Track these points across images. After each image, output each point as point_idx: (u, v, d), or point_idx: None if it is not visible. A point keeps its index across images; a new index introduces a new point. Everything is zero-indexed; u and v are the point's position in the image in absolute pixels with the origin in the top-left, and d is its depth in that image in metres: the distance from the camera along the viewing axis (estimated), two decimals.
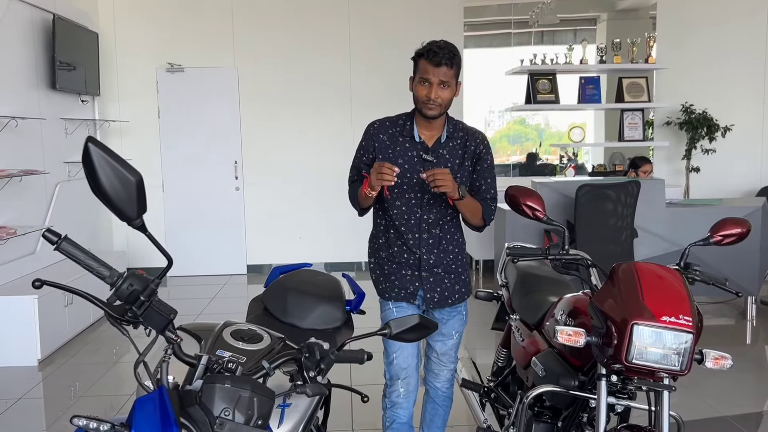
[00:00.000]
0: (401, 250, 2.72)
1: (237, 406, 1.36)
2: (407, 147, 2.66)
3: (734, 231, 2.34)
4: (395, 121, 2.73)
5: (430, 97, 2.53)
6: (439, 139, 2.67)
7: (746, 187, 7.95)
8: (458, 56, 2.55)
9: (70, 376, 4.69)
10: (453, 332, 2.83)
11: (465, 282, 2.81)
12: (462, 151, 2.68)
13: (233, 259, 7.79)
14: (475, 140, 2.71)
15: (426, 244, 2.68)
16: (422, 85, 2.55)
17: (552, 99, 7.47)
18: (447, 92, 2.56)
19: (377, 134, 2.71)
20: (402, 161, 2.64)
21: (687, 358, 1.94)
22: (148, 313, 1.40)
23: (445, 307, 2.76)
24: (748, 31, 7.87)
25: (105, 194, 1.33)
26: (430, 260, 2.70)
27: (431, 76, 2.52)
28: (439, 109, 2.57)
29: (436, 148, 2.66)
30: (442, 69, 2.50)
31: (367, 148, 2.74)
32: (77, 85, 6.42)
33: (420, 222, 2.68)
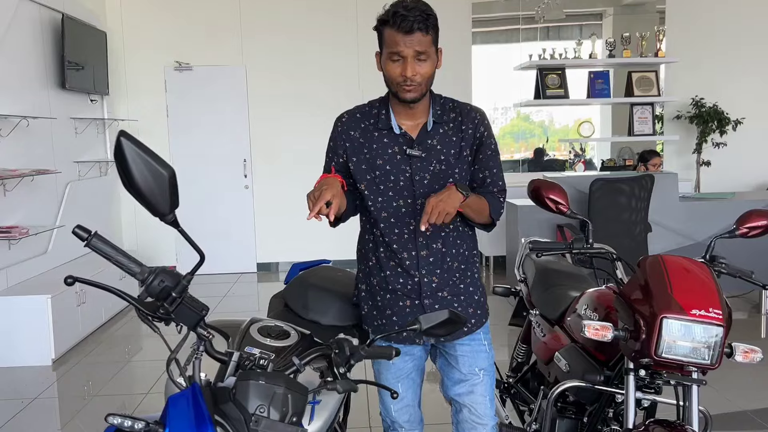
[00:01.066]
0: (396, 274, 2.13)
1: (272, 403, 1.35)
2: (386, 143, 2.10)
3: (760, 223, 2.32)
4: (367, 112, 2.15)
5: (405, 75, 1.96)
6: (425, 126, 2.09)
7: (758, 181, 7.90)
8: (433, 15, 1.96)
9: (83, 376, 4.69)
10: (477, 370, 2.19)
11: (480, 302, 2.23)
12: (458, 138, 2.10)
13: (243, 257, 7.79)
14: (472, 120, 2.12)
15: (426, 263, 2.11)
16: (393, 62, 1.98)
17: (561, 94, 7.44)
18: (426, 66, 1.98)
19: (347, 131, 2.15)
20: (382, 161, 2.09)
21: (717, 352, 1.92)
22: (179, 309, 1.38)
23: (458, 338, 2.17)
24: (759, 24, 7.82)
25: (138, 189, 1.32)
26: (433, 283, 2.12)
27: (402, 48, 1.93)
28: (419, 90, 2.00)
29: (423, 139, 2.09)
30: (416, 36, 1.92)
31: (335, 149, 2.17)
32: (86, 84, 6.42)
33: (415, 236, 2.10)
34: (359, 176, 2.12)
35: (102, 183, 6.81)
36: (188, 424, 1.29)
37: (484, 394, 2.19)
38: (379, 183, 2.09)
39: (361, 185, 2.12)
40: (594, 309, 2.40)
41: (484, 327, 2.24)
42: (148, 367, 4.85)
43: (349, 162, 2.13)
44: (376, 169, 2.09)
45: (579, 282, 2.93)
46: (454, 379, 2.20)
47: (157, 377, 4.52)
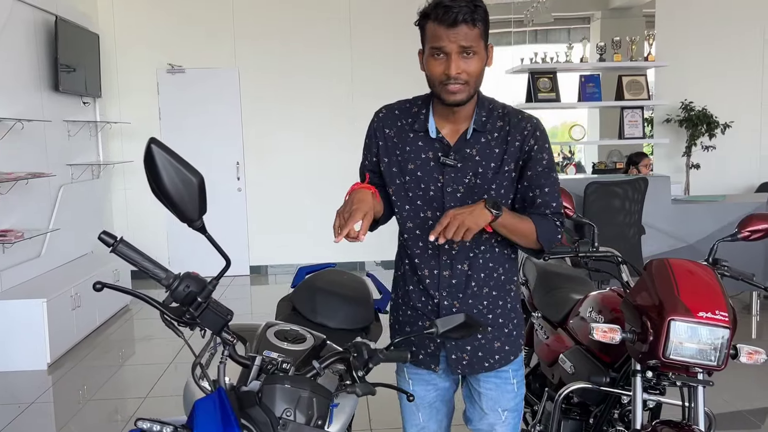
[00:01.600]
0: (417, 291, 1.95)
1: (298, 407, 1.37)
2: (420, 146, 1.89)
3: (761, 226, 2.37)
4: (407, 109, 1.95)
5: (449, 74, 1.73)
6: (465, 133, 1.87)
7: (745, 184, 8.01)
8: (482, 6, 1.74)
9: (79, 380, 4.67)
10: (500, 410, 1.97)
11: (511, 337, 1.96)
12: (501, 150, 1.86)
13: (236, 260, 7.61)
14: (521, 131, 1.86)
15: (447, 284, 1.89)
16: (435, 59, 1.75)
17: (553, 97, 7.49)
18: (474, 62, 1.75)
19: (382, 128, 1.95)
20: (413, 166, 1.89)
21: (723, 354, 1.96)
22: (205, 314, 1.39)
23: (480, 371, 1.95)
24: (747, 28, 7.92)
25: (167, 195, 1.33)
26: (453, 307, 1.90)
27: (446, 43, 1.71)
28: (466, 91, 1.77)
29: (461, 147, 1.86)
30: (461, 29, 1.70)
31: (370, 147, 1.99)
32: (79, 86, 6.39)
33: (439, 254, 1.90)
34: (389, 179, 1.93)
35: (94, 186, 6.77)
36: (216, 427, 1.31)
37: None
38: (407, 189, 1.90)
39: (389, 189, 1.94)
40: (599, 311, 2.44)
41: (515, 363, 1.98)
42: (142, 371, 4.84)
43: (380, 162, 1.95)
44: (407, 173, 1.89)
45: (580, 284, 2.97)
46: (475, 414, 2.03)
47: (153, 381, 4.52)
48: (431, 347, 1.95)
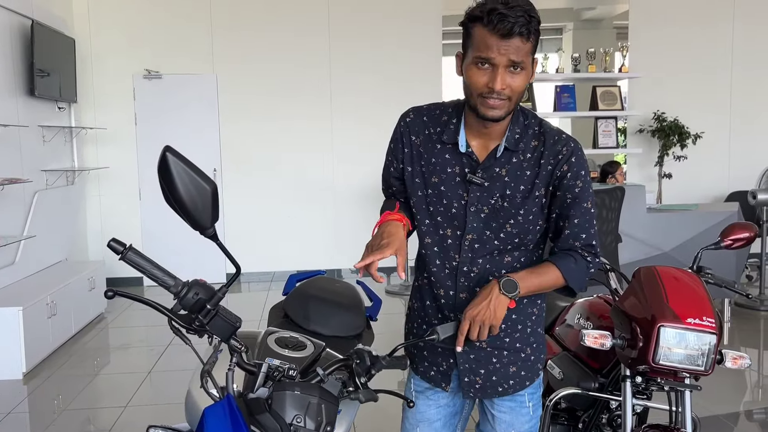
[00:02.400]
0: (432, 308, 1.85)
1: (307, 413, 1.38)
2: (447, 159, 1.75)
3: (743, 235, 2.44)
4: (436, 117, 1.80)
5: (493, 88, 1.58)
6: (495, 151, 1.72)
7: (715, 193, 8.20)
8: (537, 18, 1.58)
9: (55, 389, 4.60)
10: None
11: (528, 363, 1.84)
12: (533, 173, 1.71)
13: (212, 267, 7.69)
14: (555, 155, 1.70)
15: (463, 306, 1.72)
16: (479, 68, 1.59)
17: (529, 107, 7.59)
18: (520, 79, 1.60)
19: (408, 133, 1.80)
20: (437, 180, 1.76)
21: (710, 359, 2.02)
22: (213, 321, 1.40)
23: (493, 396, 1.85)
24: (717, 42, 8.13)
25: (181, 203, 1.33)
26: None
27: (495, 55, 1.56)
28: (506, 107, 1.62)
29: (489, 165, 1.72)
30: (514, 41, 1.55)
31: (395, 152, 1.84)
32: (54, 91, 6.30)
33: (456, 274, 1.77)
34: (411, 189, 1.80)
35: (69, 192, 6.68)
36: None
37: None
38: (429, 203, 1.77)
39: (412, 199, 1.81)
40: (587, 318, 2.49)
41: (532, 386, 1.87)
42: (119, 380, 4.79)
43: (404, 170, 1.81)
44: (430, 186, 1.76)
45: None
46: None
47: (129, 390, 4.47)
48: (443, 366, 1.85)
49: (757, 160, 7.39)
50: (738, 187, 7.81)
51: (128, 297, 1.37)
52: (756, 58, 8.16)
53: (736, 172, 8.17)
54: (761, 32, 8.14)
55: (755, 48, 8.15)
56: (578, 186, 1.71)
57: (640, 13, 8.08)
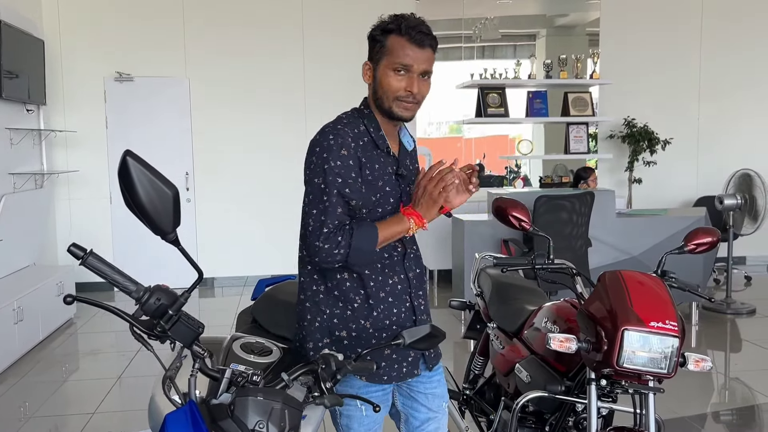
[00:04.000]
0: (389, 305, 1.93)
1: (270, 419, 1.37)
2: (383, 162, 1.92)
3: (706, 240, 2.48)
4: (356, 127, 1.91)
5: (411, 91, 1.82)
6: (403, 146, 2.01)
7: (684, 198, 8.34)
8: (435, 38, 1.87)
9: (20, 397, 4.51)
10: (443, 404, 2.09)
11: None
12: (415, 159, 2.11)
13: (184, 272, 7.58)
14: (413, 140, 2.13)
15: (414, 285, 1.99)
16: (398, 74, 1.82)
17: (502, 112, 7.67)
18: (427, 86, 1.88)
19: (349, 143, 1.85)
20: (382, 183, 1.91)
21: (673, 362, 2.04)
22: (176, 327, 1.39)
23: (440, 357, 2.08)
24: (685, 50, 8.28)
25: (142, 208, 1.32)
26: (422, 305, 2.01)
27: (413, 63, 1.80)
28: (415, 109, 1.89)
29: (404, 159, 2.00)
30: (427, 52, 1.82)
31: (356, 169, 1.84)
32: (22, 93, 6.21)
33: (403, 258, 1.98)
34: (364, 199, 1.87)
35: (38, 196, 6.57)
36: None
37: (444, 425, 2.10)
38: (377, 206, 1.90)
39: (364, 210, 1.88)
40: (554, 322, 2.51)
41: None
42: (88, 387, 4.72)
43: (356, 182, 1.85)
44: (378, 191, 1.89)
45: (534, 296, 3.05)
46: (420, 419, 2.04)
47: (100, 396, 4.40)
48: (411, 356, 1.96)
49: (724, 166, 7.52)
50: (706, 192, 7.96)
51: (88, 303, 1.36)
52: (723, 65, 8.32)
53: (704, 177, 8.31)
54: (728, 39, 8.30)
55: (723, 55, 8.31)
56: None
57: (611, 20, 8.20)
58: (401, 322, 1.94)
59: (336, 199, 1.80)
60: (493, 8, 8.85)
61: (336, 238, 1.79)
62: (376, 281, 1.91)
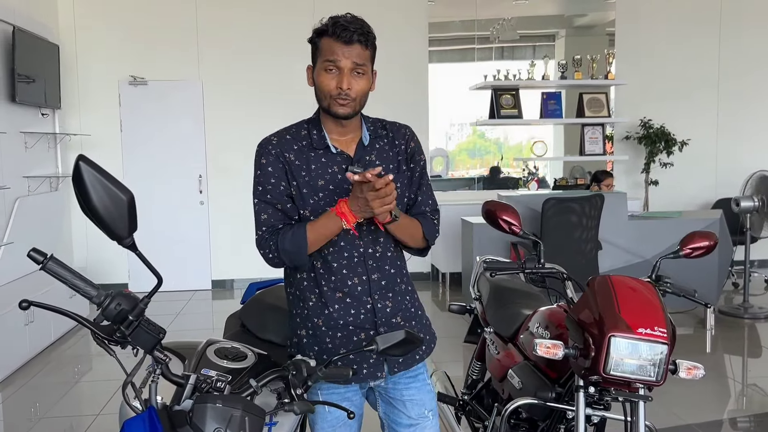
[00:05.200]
0: (345, 306, 1.95)
1: (229, 426, 1.36)
2: (324, 162, 1.95)
3: (702, 244, 2.42)
4: (296, 132, 2.01)
5: (341, 87, 1.86)
6: (361, 142, 1.99)
7: (702, 200, 8.19)
8: (373, 34, 1.91)
9: (30, 398, 4.56)
10: (425, 412, 2.05)
11: (428, 326, 2.12)
12: (393, 153, 2.02)
13: (198, 274, 7.69)
14: (403, 136, 2.05)
15: (378, 287, 1.96)
16: (328, 73, 1.88)
17: (515, 114, 7.60)
18: (363, 81, 1.89)
19: (281, 153, 1.96)
20: (323, 182, 1.94)
21: (662, 369, 1.99)
22: (136, 332, 1.38)
23: (412, 366, 2.02)
24: (702, 49, 8.15)
25: (96, 213, 1.32)
26: (387, 308, 1.97)
27: (341, 59, 1.85)
28: (353, 105, 1.90)
29: (361, 155, 1.98)
30: (355, 48, 1.85)
31: (277, 174, 1.95)
32: (37, 98, 6.29)
33: (365, 259, 1.96)
34: (302, 201, 1.94)
35: (53, 198, 6.66)
36: None
37: None
38: (324, 206, 1.91)
39: (305, 211, 1.94)
40: (546, 327, 2.47)
41: (425, 363, 2.08)
42: (97, 388, 4.75)
43: (290, 185, 1.95)
44: (319, 191, 1.93)
45: (532, 300, 3.00)
46: (402, 425, 2.04)
47: (107, 398, 4.43)
48: (372, 358, 1.95)
49: (744, 168, 7.37)
50: (725, 195, 7.80)
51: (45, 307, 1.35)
52: (743, 64, 8.17)
53: (723, 179, 8.16)
54: (748, 40, 8.15)
55: (742, 55, 8.16)
56: (423, 160, 2.08)
57: (627, 20, 8.09)
58: (359, 323, 1.95)
59: (262, 206, 1.98)
60: (509, 9, 8.78)
61: (268, 243, 1.94)
62: (329, 281, 1.95)
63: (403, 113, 5.89)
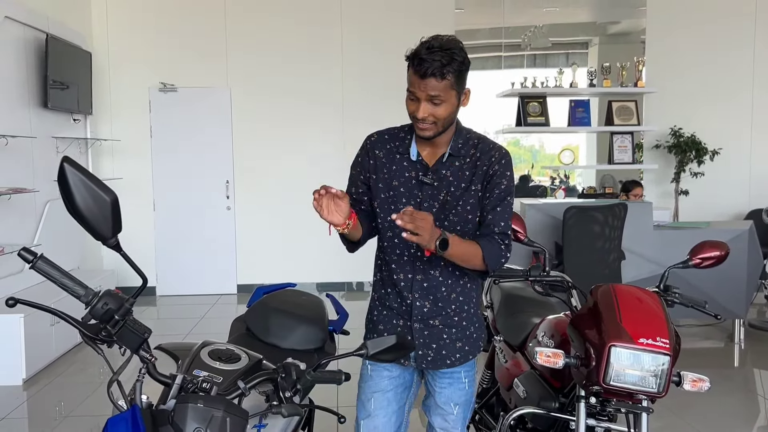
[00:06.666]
0: (392, 293, 2.19)
1: (209, 426, 1.37)
2: (404, 166, 2.15)
3: (713, 254, 2.37)
4: (395, 134, 2.21)
5: (416, 115, 2.01)
6: (441, 157, 2.12)
7: (735, 211, 8.00)
8: (456, 61, 1.96)
9: (55, 396, 4.66)
10: (451, 404, 2.20)
11: (473, 339, 2.21)
12: (470, 173, 2.11)
13: (224, 278, 7.78)
14: (489, 158, 2.11)
15: (420, 287, 2.14)
16: (410, 100, 2.03)
17: (542, 122, 7.54)
18: (441, 109, 2.00)
19: (374, 149, 2.20)
20: (397, 183, 2.15)
21: (664, 380, 1.96)
22: (122, 332, 1.40)
23: (442, 368, 2.19)
24: (735, 56, 7.98)
25: (80, 214, 1.35)
26: (424, 308, 2.14)
27: (417, 90, 1.98)
28: (433, 129, 2.03)
29: (438, 168, 2.12)
30: (430, 82, 1.95)
31: (363, 164, 2.21)
32: (69, 103, 6.45)
33: (414, 260, 2.14)
34: (376, 193, 2.19)
35: None
36: None
37: (455, 426, 2.22)
38: (391, 203, 2.14)
39: (375, 202, 2.19)
40: (551, 336, 2.44)
41: (468, 364, 2.21)
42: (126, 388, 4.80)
43: (369, 178, 2.20)
44: (391, 189, 2.15)
45: (543, 309, 2.97)
46: (431, 406, 2.26)
47: None
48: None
49: None
50: (759, 205, 7.61)
51: (32, 306, 1.38)
52: None
53: (757, 189, 7.97)
54: None
55: None
56: (504, 184, 2.11)
57: (657, 27, 7.97)
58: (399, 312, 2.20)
59: (350, 180, 2.27)
60: (539, 16, 8.72)
61: None
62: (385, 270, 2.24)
63: None
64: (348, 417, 1.96)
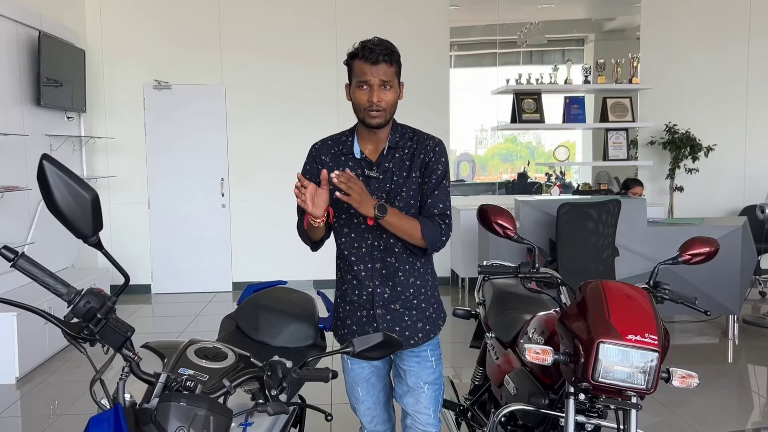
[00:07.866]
0: (353, 287, 2.36)
1: (192, 425, 1.36)
2: (350, 166, 2.32)
3: (702, 250, 2.37)
4: (338, 139, 2.41)
5: (372, 101, 2.19)
6: (383, 151, 2.32)
7: (729, 207, 8.02)
8: (397, 53, 2.24)
9: (48, 395, 4.65)
10: (421, 383, 2.38)
11: (432, 318, 2.39)
12: (410, 162, 2.31)
13: (219, 276, 7.77)
14: (425, 147, 2.32)
15: (379, 275, 2.31)
16: (361, 90, 2.22)
17: (537, 118, 7.54)
18: (390, 94, 2.22)
19: (320, 155, 2.40)
20: None
21: (653, 377, 1.95)
22: (105, 330, 1.40)
23: (407, 348, 2.35)
24: (730, 53, 7.98)
25: (60, 212, 1.34)
26: (385, 294, 2.31)
27: (370, 77, 2.19)
28: (384, 115, 2.23)
29: (381, 162, 2.31)
30: (381, 67, 2.18)
31: (311, 171, 2.38)
32: (63, 101, 6.43)
33: (371, 250, 2.31)
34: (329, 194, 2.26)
35: None
36: None
37: (428, 406, 2.38)
38: (342, 202, 2.16)
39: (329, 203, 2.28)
40: (541, 332, 2.44)
41: (432, 342, 2.39)
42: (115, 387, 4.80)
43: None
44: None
45: (535, 305, 2.96)
46: (402, 390, 2.41)
47: None
48: (369, 330, 2.32)
49: None
50: (753, 202, 7.62)
51: (12, 304, 1.37)
52: None
53: (751, 185, 7.97)
54: None
55: None
56: (439, 168, 2.31)
57: (652, 23, 7.97)
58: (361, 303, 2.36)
59: None
60: (533, 13, 8.71)
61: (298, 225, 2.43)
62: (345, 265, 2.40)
63: (424, 118, 5.90)
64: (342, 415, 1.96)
